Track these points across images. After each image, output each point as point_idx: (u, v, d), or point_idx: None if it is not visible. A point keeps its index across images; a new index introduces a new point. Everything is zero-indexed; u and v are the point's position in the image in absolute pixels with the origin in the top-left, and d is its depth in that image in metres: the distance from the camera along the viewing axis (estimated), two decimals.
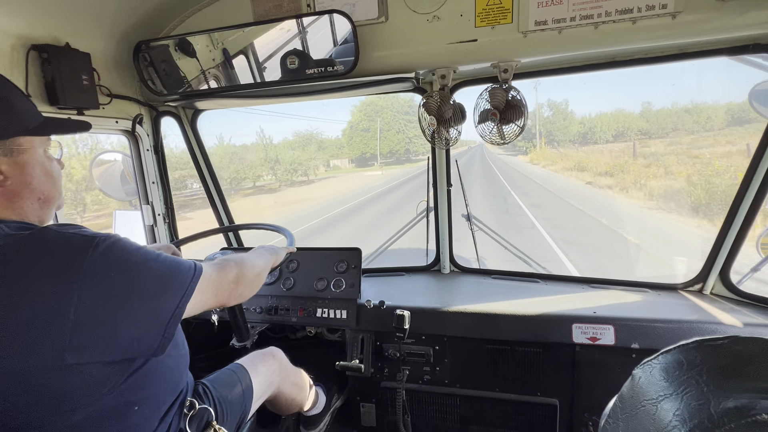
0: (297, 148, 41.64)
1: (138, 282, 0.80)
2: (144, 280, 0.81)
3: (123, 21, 1.62)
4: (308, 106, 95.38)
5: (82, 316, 0.72)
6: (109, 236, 0.80)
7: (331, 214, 14.71)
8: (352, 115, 51.00)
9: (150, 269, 0.82)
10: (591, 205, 12.90)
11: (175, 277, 0.86)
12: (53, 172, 0.90)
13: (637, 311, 1.59)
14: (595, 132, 40.24)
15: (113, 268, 0.77)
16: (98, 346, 0.74)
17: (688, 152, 21.25)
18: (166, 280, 0.84)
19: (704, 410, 0.39)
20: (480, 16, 1.44)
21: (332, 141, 53.44)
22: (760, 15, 1.23)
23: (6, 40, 1.30)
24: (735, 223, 1.62)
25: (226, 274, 1.03)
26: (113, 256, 0.77)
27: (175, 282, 0.86)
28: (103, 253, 0.76)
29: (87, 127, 0.98)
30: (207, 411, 1.12)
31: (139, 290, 0.80)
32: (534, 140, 41.14)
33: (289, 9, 1.60)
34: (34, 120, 0.85)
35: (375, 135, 48.80)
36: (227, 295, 1.03)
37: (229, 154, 33.89)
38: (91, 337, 0.73)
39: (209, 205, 2.24)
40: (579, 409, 1.66)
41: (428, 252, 2.26)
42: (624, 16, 1.32)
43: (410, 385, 1.83)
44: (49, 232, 0.76)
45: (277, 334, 2.21)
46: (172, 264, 0.87)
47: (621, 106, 65.49)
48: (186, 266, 0.90)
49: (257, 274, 1.15)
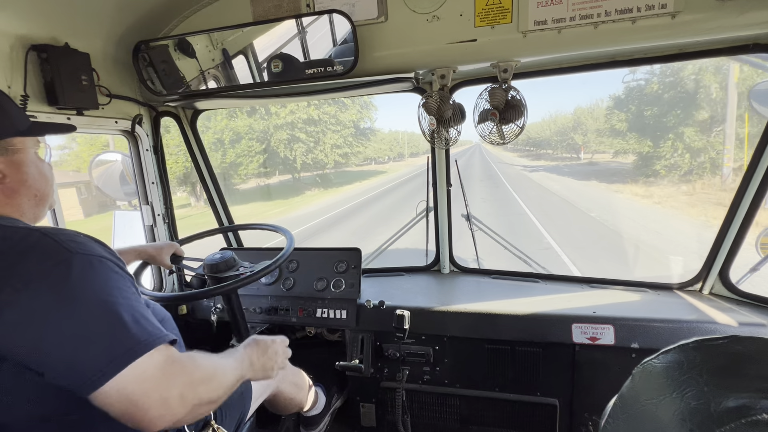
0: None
1: (78, 318, 0.71)
2: (79, 316, 0.71)
3: (122, 21, 1.62)
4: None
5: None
6: (91, 259, 0.76)
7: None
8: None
9: (93, 309, 0.72)
10: None
11: (109, 340, 0.71)
12: (46, 171, 0.95)
13: (637, 311, 1.59)
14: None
15: (79, 287, 0.72)
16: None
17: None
18: (96, 337, 0.71)
19: (704, 410, 0.39)
20: (479, 15, 1.44)
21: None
22: (760, 15, 1.23)
23: (5, 40, 1.29)
24: (734, 222, 1.62)
25: (173, 380, 0.75)
26: (84, 276, 0.74)
27: (105, 346, 0.71)
28: (79, 272, 0.73)
29: (72, 129, 1.03)
30: None
31: (69, 325, 0.71)
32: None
33: (288, 9, 1.60)
34: (23, 123, 0.89)
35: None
36: (150, 416, 0.72)
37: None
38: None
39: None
40: (579, 408, 1.66)
41: (428, 252, 2.26)
42: (623, 15, 1.32)
43: (410, 385, 1.83)
44: (37, 235, 0.77)
45: (277, 334, 2.20)
46: (122, 323, 0.73)
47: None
48: (133, 338, 0.72)
49: (208, 399, 0.82)
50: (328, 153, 25.54)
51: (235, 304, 1.66)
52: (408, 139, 55.94)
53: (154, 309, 1.06)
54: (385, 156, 48.05)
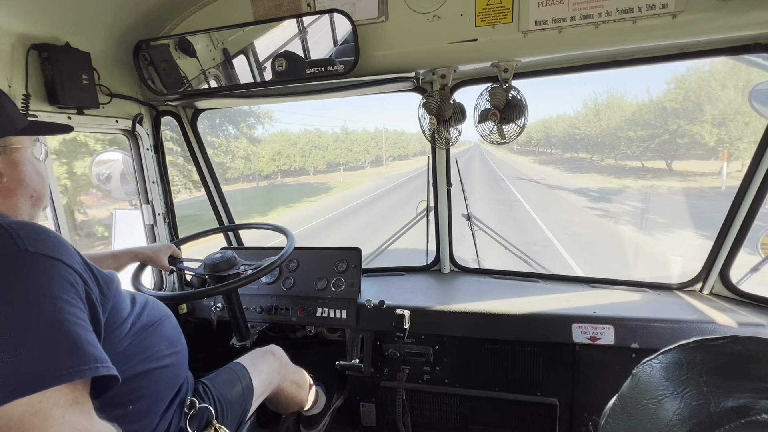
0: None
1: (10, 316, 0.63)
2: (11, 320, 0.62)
3: (123, 20, 1.62)
4: (308, 105, 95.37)
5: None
6: (39, 258, 0.69)
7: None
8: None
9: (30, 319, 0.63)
10: None
11: (25, 361, 0.60)
12: (42, 171, 0.94)
13: (637, 311, 1.59)
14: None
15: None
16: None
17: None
18: (20, 346, 0.61)
19: (704, 410, 0.39)
20: (480, 15, 1.43)
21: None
22: (761, 15, 1.23)
23: (6, 39, 1.30)
24: (735, 222, 1.62)
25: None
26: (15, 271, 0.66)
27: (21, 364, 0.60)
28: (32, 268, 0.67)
29: (69, 129, 1.01)
30: (207, 410, 1.12)
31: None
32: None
33: (289, 8, 1.60)
34: (21, 122, 0.88)
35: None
36: None
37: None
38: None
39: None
40: (579, 408, 1.66)
41: (428, 252, 2.26)
42: (624, 15, 1.32)
43: (410, 385, 1.83)
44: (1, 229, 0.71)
45: (277, 333, 2.21)
46: (50, 344, 0.62)
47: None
48: (51, 365, 0.61)
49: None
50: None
51: (236, 304, 1.67)
52: (395, 139, 47.46)
53: (153, 306, 1.06)
54: (360, 160, 41.40)
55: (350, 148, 41.94)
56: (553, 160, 33.80)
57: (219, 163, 20.81)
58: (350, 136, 44.08)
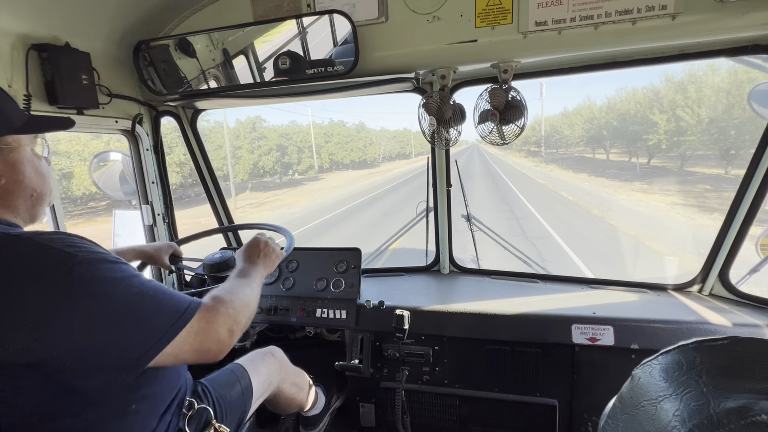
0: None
1: (105, 312, 0.74)
2: (113, 311, 0.74)
3: (123, 21, 1.62)
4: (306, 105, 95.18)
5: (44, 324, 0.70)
6: (90, 258, 0.76)
7: None
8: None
9: (125, 302, 0.76)
10: None
11: (153, 318, 0.78)
12: (42, 169, 0.91)
13: (637, 312, 1.59)
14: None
15: (85, 290, 0.73)
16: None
17: None
18: (139, 318, 0.77)
19: (704, 411, 0.39)
20: (480, 16, 1.44)
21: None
22: (760, 16, 1.23)
23: (6, 39, 1.29)
24: (734, 223, 1.62)
25: (218, 325, 0.86)
26: (87, 277, 0.74)
27: (150, 322, 0.77)
28: (79, 273, 0.73)
29: (70, 123, 0.98)
30: (206, 411, 1.12)
31: (107, 320, 0.74)
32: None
33: (289, 9, 1.60)
34: (19, 119, 0.85)
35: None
36: (214, 353, 0.86)
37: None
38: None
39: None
40: (578, 409, 1.66)
41: (428, 252, 2.26)
42: (624, 16, 1.32)
43: (410, 386, 1.83)
44: (29, 241, 0.74)
45: (277, 334, 2.20)
46: (154, 300, 0.79)
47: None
48: (172, 307, 0.81)
49: (250, 316, 1.01)
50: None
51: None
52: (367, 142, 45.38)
53: None
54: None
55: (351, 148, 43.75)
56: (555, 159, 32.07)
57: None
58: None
